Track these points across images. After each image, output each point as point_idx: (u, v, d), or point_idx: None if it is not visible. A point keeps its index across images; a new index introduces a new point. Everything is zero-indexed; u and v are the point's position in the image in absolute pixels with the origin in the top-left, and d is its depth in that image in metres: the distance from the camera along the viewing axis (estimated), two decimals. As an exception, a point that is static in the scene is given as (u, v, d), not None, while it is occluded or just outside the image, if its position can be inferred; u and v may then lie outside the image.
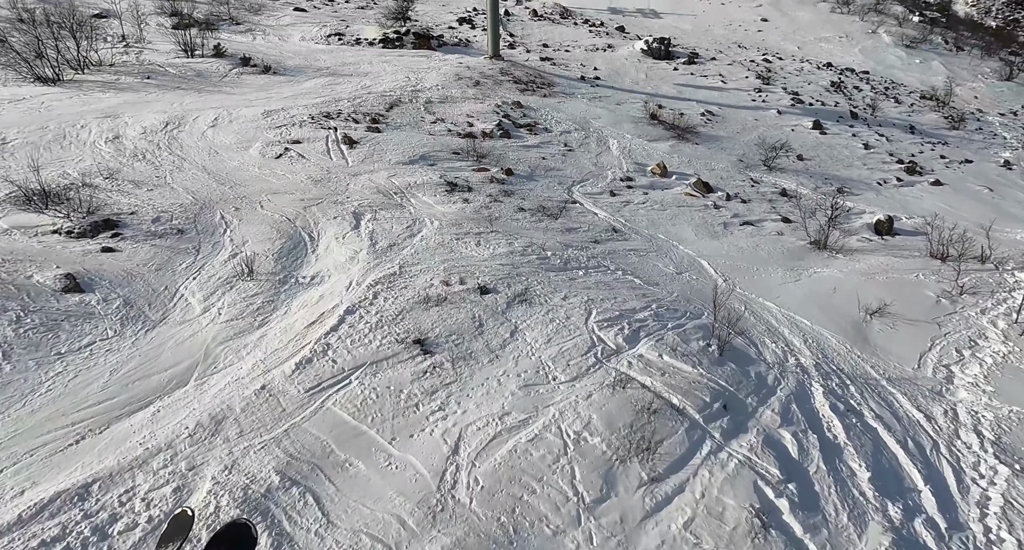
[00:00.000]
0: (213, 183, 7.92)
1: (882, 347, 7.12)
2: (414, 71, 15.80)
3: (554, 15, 31.57)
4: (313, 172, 8.96)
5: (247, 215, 7.21)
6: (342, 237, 7.21)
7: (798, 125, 18.83)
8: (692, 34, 33.38)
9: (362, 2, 24.05)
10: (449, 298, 6.14)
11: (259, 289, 5.78)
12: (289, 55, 15.22)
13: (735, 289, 8.38)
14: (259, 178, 8.43)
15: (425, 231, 7.78)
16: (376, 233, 7.42)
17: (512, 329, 5.90)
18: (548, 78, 18.57)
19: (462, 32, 23.35)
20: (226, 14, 17.94)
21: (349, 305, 5.63)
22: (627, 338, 6.10)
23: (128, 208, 6.71)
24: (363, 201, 8.29)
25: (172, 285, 5.59)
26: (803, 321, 7.56)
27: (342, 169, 9.32)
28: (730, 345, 6.32)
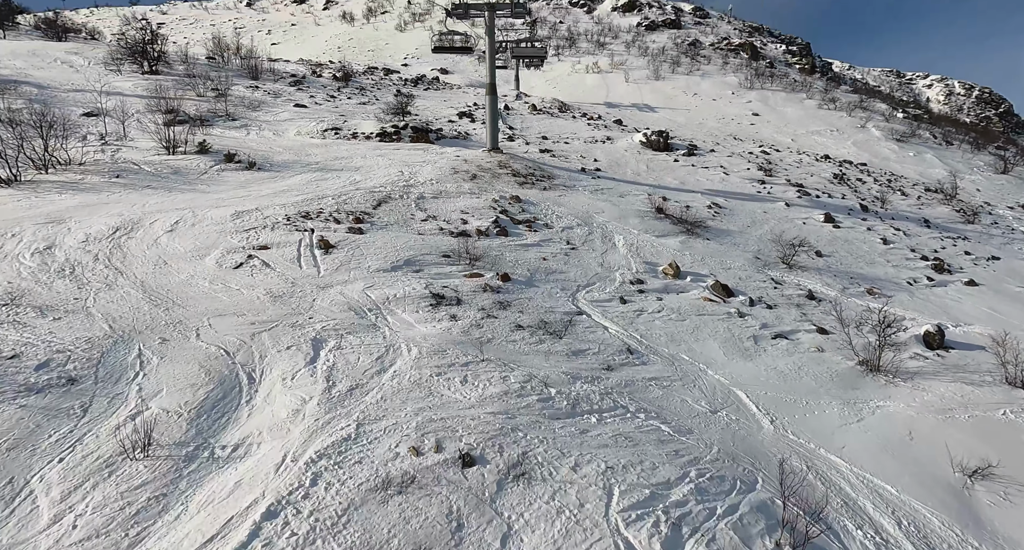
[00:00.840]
0: (146, 305, 6.55)
1: (1004, 533, 5.30)
2: (408, 165, 15.24)
3: (553, 109, 32.62)
4: (275, 285, 7.64)
5: (174, 349, 5.74)
6: (291, 378, 5.68)
7: (809, 218, 18.09)
8: (687, 127, 34.35)
9: (364, 98, 24.65)
10: (419, 478, 4.48)
11: (151, 475, 4.15)
12: (279, 150, 14.76)
13: (787, 434, 6.71)
14: (207, 295, 7.08)
15: (399, 363, 6.28)
16: (336, 369, 5.91)
17: (504, 532, 4.18)
18: (548, 170, 18.13)
19: (462, 125, 23.59)
20: (223, 111, 17.91)
21: (272, 502, 3.97)
22: (666, 541, 4.35)
23: (10, 349, 5.26)
24: (328, 323, 6.88)
25: (23, 473, 3.97)
26: (886, 488, 5.81)
27: (311, 280, 8.02)
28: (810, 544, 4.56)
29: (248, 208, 10.02)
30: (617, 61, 52.33)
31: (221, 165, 12.72)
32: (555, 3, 70.40)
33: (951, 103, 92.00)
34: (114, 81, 19.09)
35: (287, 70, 27.70)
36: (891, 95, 65.06)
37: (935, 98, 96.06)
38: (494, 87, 18.07)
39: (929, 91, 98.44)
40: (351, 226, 10.25)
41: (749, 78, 47.30)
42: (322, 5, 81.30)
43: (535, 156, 20.35)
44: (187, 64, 23.19)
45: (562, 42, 57.68)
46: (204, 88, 19.94)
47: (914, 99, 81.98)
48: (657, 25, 63.66)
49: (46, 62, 20.28)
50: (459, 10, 17.21)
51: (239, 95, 20.72)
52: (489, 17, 17.35)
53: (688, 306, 10.38)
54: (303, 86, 24.78)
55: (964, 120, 64.49)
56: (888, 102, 49.19)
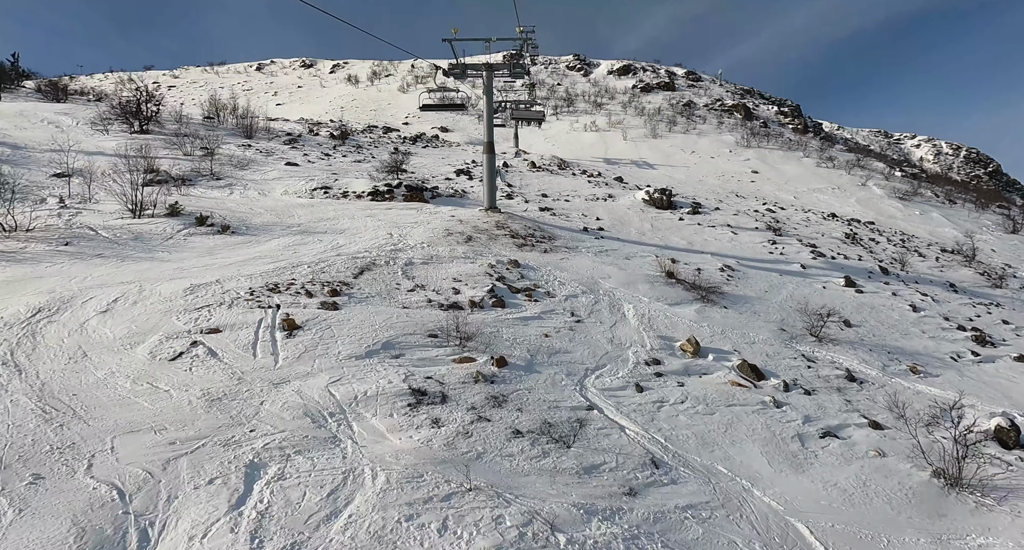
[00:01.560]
0: (34, 420, 5.08)
1: None
2: (399, 226, 14.19)
3: (552, 166, 32.40)
4: (217, 382, 6.20)
5: (46, 495, 4.22)
6: (202, 535, 4.12)
7: (828, 282, 16.89)
8: (688, 184, 34.06)
9: (359, 156, 24.23)
10: None
11: None
12: (260, 211, 13.79)
13: (872, 595, 5.04)
14: (123, 401, 5.63)
15: (359, 501, 4.73)
16: (270, 517, 4.37)
17: None
18: (548, 231, 17.12)
19: (459, 183, 22.96)
20: (208, 170, 17.18)
21: None
22: None
23: None
24: (274, 437, 5.39)
25: None
26: None
27: (264, 373, 6.58)
28: None
29: (207, 280, 8.74)
30: (614, 120, 53.47)
31: (190, 229, 11.63)
32: (552, 67, 73.37)
33: (940, 163, 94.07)
34: (98, 141, 18.55)
35: (283, 129, 27.59)
36: (885, 155, 66.31)
37: (924, 157, 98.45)
38: (492, 146, 17.44)
39: (918, 151, 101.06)
40: (324, 300, 8.92)
41: (745, 137, 48.02)
42: (329, 69, 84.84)
43: (535, 215, 19.47)
44: (180, 123, 22.93)
45: (560, 102, 59.33)
46: (192, 147, 19.39)
47: (905, 158, 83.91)
48: (652, 87, 65.92)
49: (32, 122, 19.90)
50: (456, 70, 16.89)
51: (228, 154, 20.17)
52: (487, 77, 17.00)
53: (715, 393, 8.88)
54: (298, 144, 24.45)
55: (956, 179, 65.30)
56: (884, 161, 49.74)
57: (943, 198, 37.57)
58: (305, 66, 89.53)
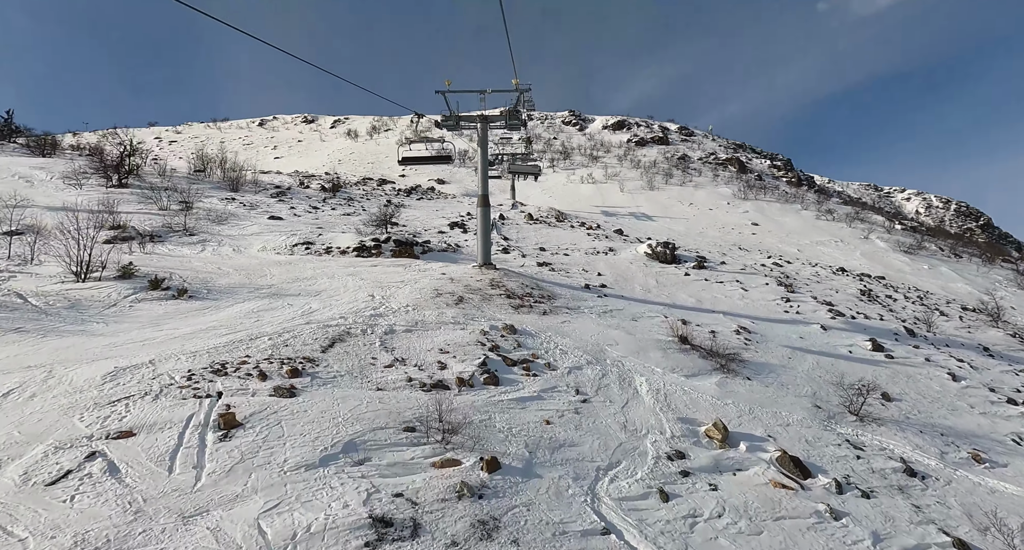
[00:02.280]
0: None
1: None
2: (383, 286, 12.84)
3: (550, 218, 31.65)
4: (99, 522, 4.56)
5: None
6: None
7: (853, 345, 15.44)
8: (688, 236, 33.27)
9: (349, 209, 23.35)
10: None
11: None
12: (229, 271, 12.48)
13: None
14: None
15: None
16: None
17: None
18: (547, 289, 15.79)
19: (452, 237, 21.91)
20: (182, 225, 16.04)
21: None
22: None
23: None
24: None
25: None
26: None
27: (174, 501, 4.95)
28: None
29: (138, 361, 7.23)
30: (611, 172, 53.80)
31: (140, 294, 10.24)
32: (549, 122, 75.20)
33: (932, 216, 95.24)
34: (67, 195, 17.55)
35: (273, 182, 26.92)
36: (881, 208, 66.81)
37: (915, 210, 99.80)
38: (486, 199, 16.46)
39: (909, 204, 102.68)
40: (280, 384, 7.38)
41: (742, 189, 48.07)
42: (329, 124, 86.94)
43: (532, 271, 18.24)
44: (164, 177, 22.13)
45: (557, 155, 60.06)
46: (169, 201, 18.39)
47: (896, 211, 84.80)
48: (646, 141, 67.20)
49: (1, 177, 19.00)
50: (450, 122, 16.20)
51: (208, 208, 19.19)
52: (482, 128, 16.30)
53: (757, 500, 7.20)
54: (286, 197, 23.62)
55: (952, 232, 65.41)
56: (882, 214, 49.66)
57: (948, 252, 36.84)
58: (307, 122, 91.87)
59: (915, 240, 36.56)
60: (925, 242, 36.88)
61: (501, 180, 50.92)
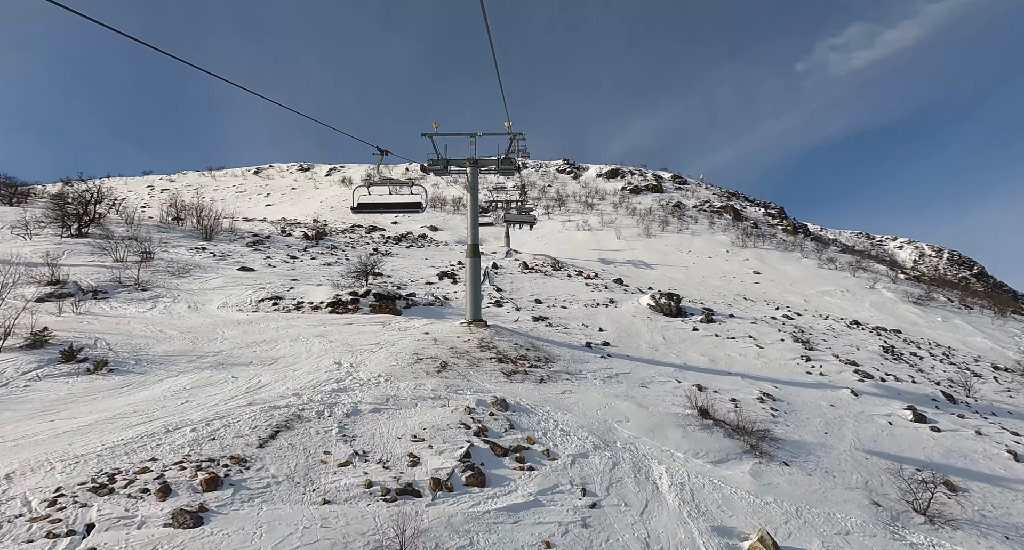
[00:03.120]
0: None
1: None
2: (354, 350, 11.04)
3: (545, 267, 30.23)
4: None
5: None
6: None
7: (892, 415, 13.57)
8: (689, 285, 31.84)
9: (331, 258, 21.84)
10: None
11: None
12: (173, 335, 10.69)
13: None
14: None
15: None
16: None
17: None
18: (544, 349, 14.00)
19: (441, 288, 20.28)
20: (134, 279, 14.35)
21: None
22: None
23: None
24: None
25: None
26: None
27: None
28: None
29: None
30: (607, 219, 53.18)
31: (46, 368, 8.40)
32: (543, 170, 75.75)
33: (925, 264, 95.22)
34: (11, 247, 15.94)
35: (252, 229, 25.54)
36: (880, 256, 66.35)
37: (907, 259, 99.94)
38: (477, 248, 14.97)
39: (901, 252, 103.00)
40: (185, 505, 5.45)
41: (740, 237, 47.30)
42: (325, 172, 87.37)
43: (528, 327, 16.49)
44: (131, 226, 20.67)
45: (552, 202, 59.72)
46: (127, 252, 16.79)
47: (890, 258, 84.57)
48: (640, 189, 67.37)
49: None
50: (437, 166, 14.99)
51: (172, 258, 17.58)
52: (472, 173, 15.07)
53: None
54: (263, 246, 22.15)
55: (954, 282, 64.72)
56: (883, 263, 48.86)
57: (958, 303, 35.54)
58: (302, 170, 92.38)
59: (923, 291, 35.31)
60: (933, 293, 35.61)
61: (495, 227, 50.10)
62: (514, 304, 19.82)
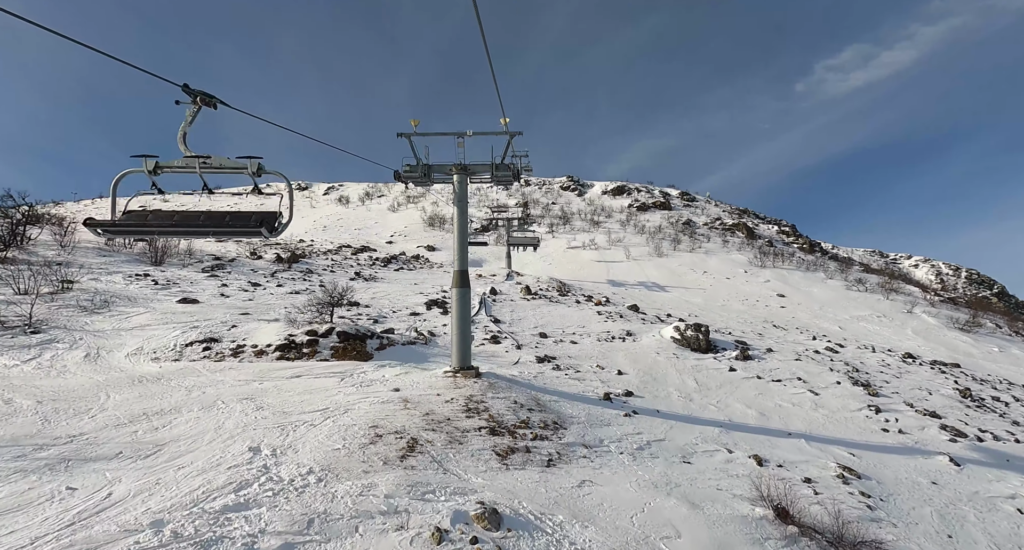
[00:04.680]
0: None
1: None
2: (287, 425, 7.84)
3: (551, 291, 27.06)
4: None
5: None
6: None
7: (1016, 495, 10.18)
8: (710, 310, 28.57)
9: (302, 285, 18.80)
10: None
11: None
12: (24, 405, 7.48)
13: None
14: None
15: None
16: None
17: None
18: (552, 408, 10.75)
19: (428, 320, 17.12)
20: (25, 317, 11.23)
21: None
22: None
23: None
24: None
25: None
26: None
27: None
28: None
29: None
30: (614, 238, 50.21)
31: None
32: (547, 187, 73.19)
33: (944, 284, 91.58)
34: None
35: (214, 252, 22.59)
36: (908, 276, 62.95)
37: (925, 278, 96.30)
38: (466, 276, 11.85)
39: (917, 271, 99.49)
40: None
41: (757, 256, 44.16)
42: (323, 191, 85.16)
43: (531, 371, 13.27)
44: (65, 249, 17.75)
45: (556, 220, 56.89)
46: (39, 282, 13.73)
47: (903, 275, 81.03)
48: (648, 206, 64.58)
49: None
50: (415, 173, 12.02)
51: (98, 289, 14.57)
52: (459, 182, 12.06)
53: None
54: (223, 271, 19.18)
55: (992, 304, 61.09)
56: (914, 284, 45.54)
57: (1007, 329, 32.08)
58: (300, 189, 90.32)
59: (967, 315, 31.89)
60: (979, 317, 32.18)
61: (496, 246, 47.18)
62: (514, 340, 16.60)
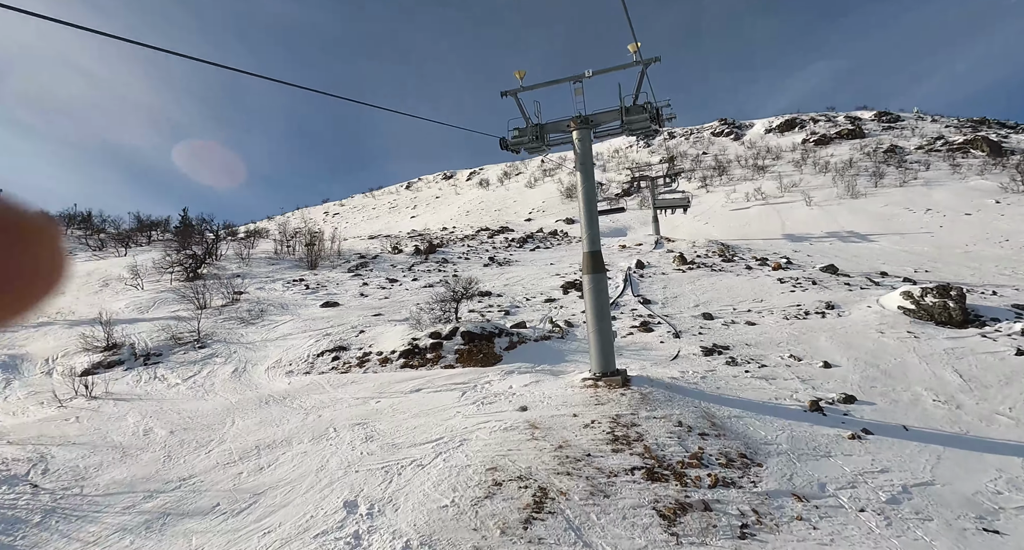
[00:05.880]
0: None
1: None
2: (391, 465, 6.54)
3: (711, 256, 22.76)
4: None
5: None
6: None
7: None
8: (945, 262, 21.15)
9: (437, 276, 18.15)
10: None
11: None
12: (157, 437, 7.37)
13: None
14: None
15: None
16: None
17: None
18: (734, 428, 7.81)
19: (565, 306, 14.99)
20: (195, 333, 12.00)
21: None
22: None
23: None
24: None
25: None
26: None
27: None
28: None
29: None
30: (787, 183, 41.77)
31: None
32: (695, 137, 64.82)
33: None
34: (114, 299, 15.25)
35: (358, 250, 23.48)
36: None
37: None
38: (598, 259, 9.32)
39: None
40: None
41: (1016, 178, 32.24)
42: (465, 177, 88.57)
43: (695, 367, 10.30)
44: (244, 261, 19.84)
45: (709, 172, 49.73)
46: (211, 296, 15.07)
47: None
48: (830, 138, 52.64)
49: (89, 280, 18.00)
50: (524, 138, 9.76)
51: (259, 297, 15.55)
52: (581, 138, 9.44)
53: None
54: (365, 269, 19.62)
55: None
56: None
57: None
58: (446, 178, 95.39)
59: None
60: None
61: (640, 210, 42.92)
62: (669, 325, 13.57)
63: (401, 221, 63.78)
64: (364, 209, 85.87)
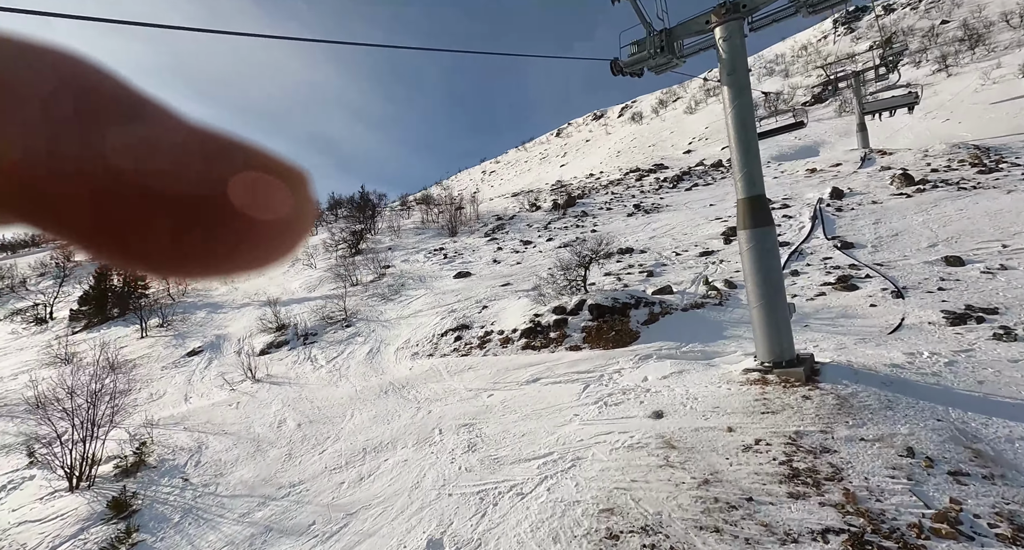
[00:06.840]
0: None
1: None
2: (487, 490, 5.56)
3: (957, 169, 16.37)
4: None
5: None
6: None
7: None
8: None
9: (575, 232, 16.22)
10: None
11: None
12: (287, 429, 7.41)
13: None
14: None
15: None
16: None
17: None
18: (1010, 463, 4.77)
19: (726, 259, 11.93)
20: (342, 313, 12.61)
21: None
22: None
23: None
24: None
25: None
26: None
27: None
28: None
29: None
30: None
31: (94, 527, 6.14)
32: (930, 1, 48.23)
33: None
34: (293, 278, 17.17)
35: (495, 212, 22.64)
36: None
37: None
38: (761, 206, 6.57)
39: None
40: None
41: None
42: (617, 114, 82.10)
43: (932, 347, 6.93)
44: (395, 233, 20.66)
45: (950, 48, 36.54)
46: (362, 273, 15.86)
47: None
48: None
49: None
50: (642, 53, 7.19)
51: (403, 270, 15.87)
52: (726, 36, 6.53)
53: None
54: (502, 232, 18.76)
55: None
56: None
57: None
58: (596, 118, 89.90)
59: None
60: None
61: (838, 119, 33.95)
62: (887, 279, 9.69)
63: (551, 171, 62.33)
64: (516, 164, 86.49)
